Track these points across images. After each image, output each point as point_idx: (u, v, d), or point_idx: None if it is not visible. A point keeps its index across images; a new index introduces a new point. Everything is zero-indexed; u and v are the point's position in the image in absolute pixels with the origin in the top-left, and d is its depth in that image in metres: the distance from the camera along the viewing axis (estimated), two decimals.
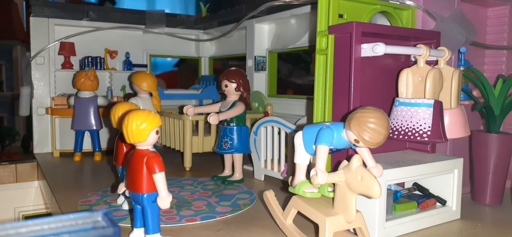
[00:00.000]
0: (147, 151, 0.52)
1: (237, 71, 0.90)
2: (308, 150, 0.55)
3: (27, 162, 1.17)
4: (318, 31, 0.67)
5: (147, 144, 0.52)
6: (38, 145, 1.26)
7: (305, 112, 1.12)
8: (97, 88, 1.15)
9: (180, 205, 0.72)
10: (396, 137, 0.64)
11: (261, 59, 1.27)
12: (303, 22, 1.12)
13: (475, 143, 0.77)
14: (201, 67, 1.58)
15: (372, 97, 0.66)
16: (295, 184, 0.56)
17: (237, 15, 1.22)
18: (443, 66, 0.66)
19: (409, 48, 0.64)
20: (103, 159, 1.14)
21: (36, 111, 1.25)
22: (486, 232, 0.61)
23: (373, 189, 0.47)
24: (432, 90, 0.62)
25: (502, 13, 0.88)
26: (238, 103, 0.89)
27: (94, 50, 1.35)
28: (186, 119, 0.99)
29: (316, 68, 0.67)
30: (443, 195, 0.67)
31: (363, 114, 0.49)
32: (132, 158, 0.53)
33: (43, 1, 1.24)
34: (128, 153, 0.59)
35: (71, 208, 0.72)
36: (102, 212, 0.36)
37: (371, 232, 0.57)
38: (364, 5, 0.70)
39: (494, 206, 0.74)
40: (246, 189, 0.84)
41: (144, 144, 0.52)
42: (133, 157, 0.53)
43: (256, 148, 0.93)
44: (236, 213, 0.69)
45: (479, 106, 0.73)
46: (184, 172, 1.00)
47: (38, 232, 0.33)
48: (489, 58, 0.90)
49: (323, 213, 0.51)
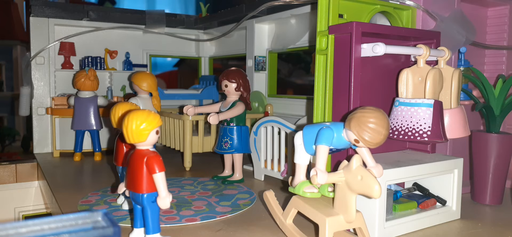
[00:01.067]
0: (147, 151, 0.52)
1: (237, 71, 0.90)
2: (308, 150, 0.55)
3: (27, 162, 1.17)
4: (318, 31, 0.67)
5: (147, 144, 0.52)
6: (38, 145, 1.26)
7: (305, 112, 1.12)
8: (97, 88, 1.15)
9: (180, 205, 0.72)
10: (396, 137, 0.64)
11: (261, 59, 1.27)
12: (303, 22, 1.12)
13: (475, 143, 0.77)
14: (201, 67, 1.58)
15: (372, 97, 0.66)
16: (295, 184, 0.56)
17: (237, 15, 1.22)
18: (443, 66, 0.66)
19: (409, 48, 0.64)
20: (103, 159, 1.14)
21: (36, 111, 1.25)
22: (486, 232, 0.61)
23: (373, 189, 0.47)
24: (432, 90, 0.62)
25: (502, 13, 0.88)
26: (238, 103, 0.89)
27: (94, 50, 1.35)
28: (186, 119, 0.99)
29: (316, 68, 0.67)
30: (443, 195, 0.67)
31: (363, 114, 0.49)
32: (132, 158, 0.53)
33: (43, 1, 1.24)
34: (128, 153, 0.59)
35: (71, 208, 0.72)
36: (102, 212, 0.36)
37: (371, 232, 0.57)
38: (364, 5, 0.70)
39: (494, 206, 0.74)
40: (246, 189, 0.84)
41: (144, 144, 0.52)
42: (133, 157, 0.53)
43: (256, 148, 0.93)
44: (236, 213, 0.69)
45: (479, 106, 0.73)
46: (184, 172, 1.00)
47: (38, 232, 0.33)
48: (489, 58, 0.90)
49: (323, 213, 0.51)
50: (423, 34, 0.69)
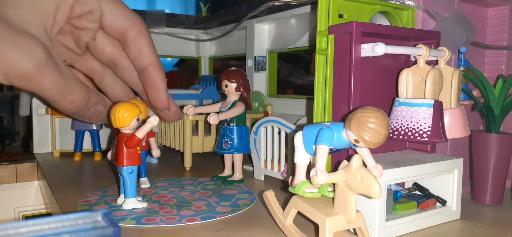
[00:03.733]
0: (127, 134, 0.70)
1: (237, 71, 0.90)
2: (308, 150, 0.55)
3: (27, 162, 1.17)
4: (318, 31, 0.67)
5: (130, 128, 0.69)
6: (38, 145, 1.26)
7: (305, 112, 1.12)
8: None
9: (180, 205, 0.72)
10: (396, 137, 0.64)
11: (261, 59, 1.27)
12: (303, 22, 1.12)
13: (475, 143, 0.77)
14: (201, 67, 1.58)
15: (372, 97, 0.66)
16: (295, 184, 0.56)
17: (237, 15, 1.22)
18: (443, 66, 0.66)
19: (409, 48, 0.64)
20: (103, 159, 1.14)
21: (36, 111, 1.25)
22: (486, 232, 0.61)
23: (373, 189, 0.47)
24: (432, 90, 0.62)
25: (502, 13, 0.88)
26: (238, 103, 0.89)
27: None
28: (186, 119, 0.99)
29: (316, 68, 0.67)
30: (443, 195, 0.67)
31: (363, 114, 0.49)
32: (118, 139, 0.70)
33: None
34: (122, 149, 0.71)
35: (71, 208, 0.72)
36: (102, 212, 0.36)
37: (371, 232, 0.57)
38: (364, 5, 0.70)
39: (494, 206, 0.74)
40: (246, 189, 0.84)
41: (128, 128, 0.69)
42: (118, 138, 0.70)
43: (256, 148, 0.93)
44: (236, 213, 0.69)
45: (479, 106, 0.73)
46: (184, 172, 1.00)
47: (38, 232, 0.33)
48: (489, 58, 0.90)
49: (323, 213, 0.51)
50: (423, 34, 0.69)
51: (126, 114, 0.67)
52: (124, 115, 0.67)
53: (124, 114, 0.67)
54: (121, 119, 0.67)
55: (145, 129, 0.68)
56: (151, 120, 0.67)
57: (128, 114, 0.67)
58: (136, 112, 0.68)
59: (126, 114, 0.67)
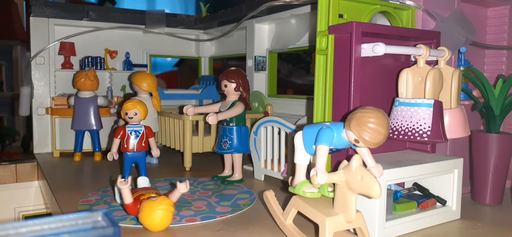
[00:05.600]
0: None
1: (237, 71, 0.90)
2: (308, 150, 0.55)
3: (27, 162, 1.17)
4: (318, 31, 0.67)
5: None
6: (38, 145, 1.26)
7: (305, 112, 1.12)
8: (97, 88, 1.15)
9: (180, 205, 0.72)
10: (396, 137, 0.64)
11: (261, 59, 1.27)
12: (303, 22, 1.12)
13: (475, 143, 0.77)
14: (201, 67, 1.58)
15: (372, 97, 0.66)
16: (295, 184, 0.56)
17: (237, 15, 1.22)
18: (443, 66, 0.66)
19: (409, 48, 0.64)
20: (103, 159, 1.14)
21: (36, 111, 1.25)
22: (486, 232, 0.61)
23: (373, 189, 0.47)
24: (432, 90, 0.62)
25: (502, 13, 0.88)
26: (238, 103, 0.89)
27: (94, 50, 1.35)
28: (186, 119, 0.99)
29: (316, 68, 0.67)
30: (443, 195, 0.67)
31: (363, 114, 0.49)
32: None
33: (43, 1, 1.24)
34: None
35: (71, 208, 0.72)
36: (102, 212, 0.36)
37: (371, 232, 0.57)
38: (364, 5, 0.70)
39: (494, 206, 0.74)
40: (246, 189, 0.84)
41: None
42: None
43: (256, 148, 0.93)
44: (236, 213, 0.69)
45: (479, 106, 0.73)
46: (184, 172, 1.00)
47: (38, 232, 0.33)
48: (489, 58, 0.90)
49: (323, 213, 0.51)
50: (423, 34, 0.69)
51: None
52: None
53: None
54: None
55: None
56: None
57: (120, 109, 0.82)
58: (125, 108, 0.79)
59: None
